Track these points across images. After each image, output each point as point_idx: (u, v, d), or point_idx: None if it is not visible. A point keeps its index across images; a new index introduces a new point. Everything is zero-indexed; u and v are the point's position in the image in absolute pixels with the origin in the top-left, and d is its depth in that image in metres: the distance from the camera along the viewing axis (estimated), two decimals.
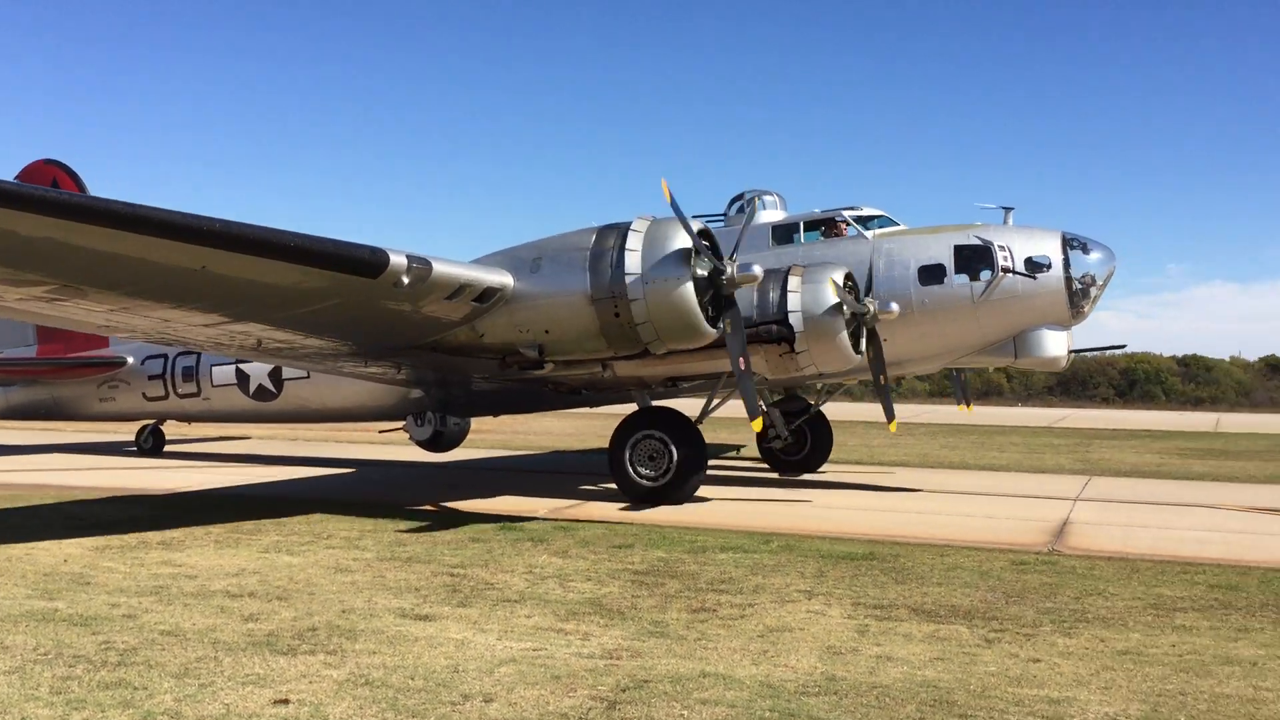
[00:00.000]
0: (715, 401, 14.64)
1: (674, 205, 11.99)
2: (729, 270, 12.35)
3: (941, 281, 14.47)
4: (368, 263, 10.77)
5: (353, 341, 13.14)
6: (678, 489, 13.61)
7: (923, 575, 9.21)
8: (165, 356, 19.35)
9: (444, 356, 13.47)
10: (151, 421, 21.50)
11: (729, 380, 13.83)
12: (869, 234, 15.06)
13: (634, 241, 12.02)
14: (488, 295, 12.12)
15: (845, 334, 13.31)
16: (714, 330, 12.23)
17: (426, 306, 11.90)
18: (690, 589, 8.55)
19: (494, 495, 14.64)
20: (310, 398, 18.07)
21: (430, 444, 17.94)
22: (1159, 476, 18.89)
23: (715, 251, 12.44)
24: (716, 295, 12.38)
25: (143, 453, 21.62)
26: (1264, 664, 6.48)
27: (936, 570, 9.44)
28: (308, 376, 17.68)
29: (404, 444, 20.21)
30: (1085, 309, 14.49)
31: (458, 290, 11.78)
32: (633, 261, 11.94)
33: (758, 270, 12.43)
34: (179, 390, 19.32)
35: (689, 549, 10.43)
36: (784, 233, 15.71)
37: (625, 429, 13.94)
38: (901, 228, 15.24)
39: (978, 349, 14.81)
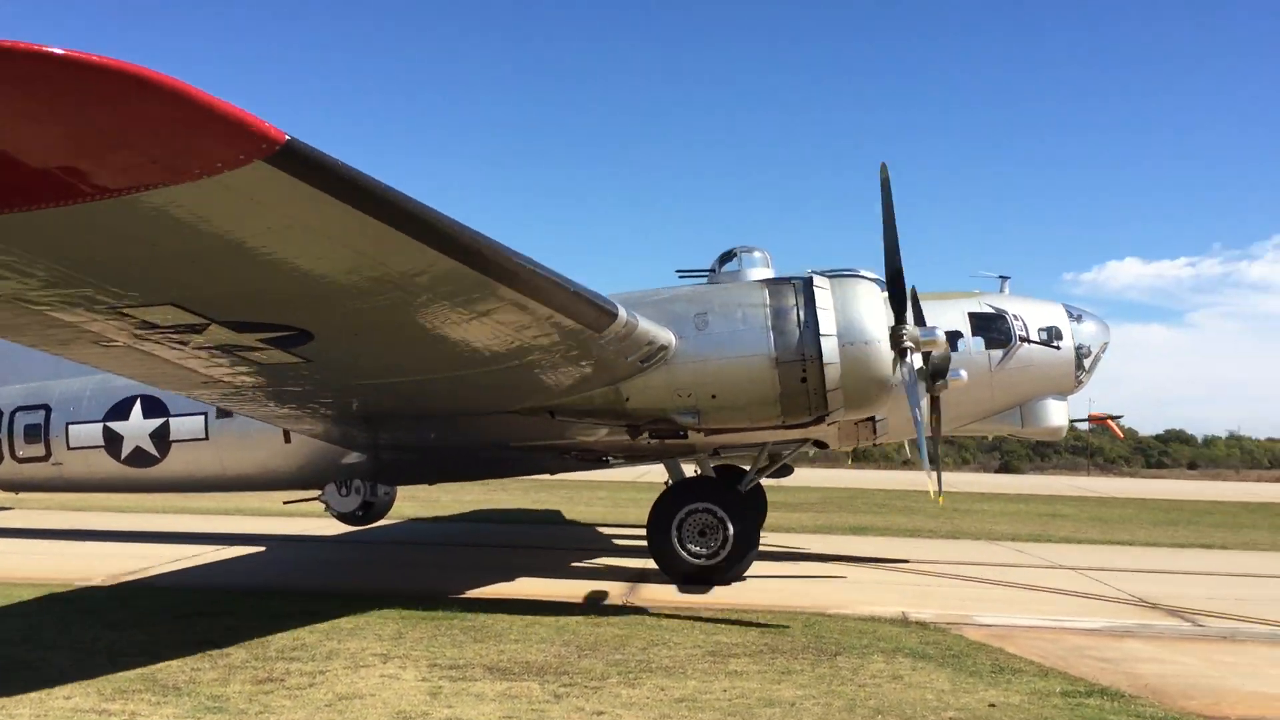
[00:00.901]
0: (755, 470, 13.98)
1: (888, 211, 11.04)
2: (908, 329, 11.49)
3: (957, 349, 13.82)
4: (603, 313, 9.30)
5: (464, 404, 11.48)
6: (733, 567, 12.54)
7: (501, 632, 9.28)
8: (0, 413, 15.88)
9: (545, 422, 11.79)
10: None
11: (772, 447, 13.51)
12: None
13: (824, 299, 11.06)
14: (653, 354, 10.80)
15: (927, 401, 12.49)
16: None
17: (591, 365, 10.36)
18: (258, 658, 8.10)
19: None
20: (206, 462, 14.99)
21: (354, 517, 15.73)
22: None
23: (898, 308, 11.51)
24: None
25: None
26: (801, 704, 7.06)
27: (515, 627, 9.55)
28: (205, 438, 14.84)
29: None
30: (1084, 380, 14.35)
31: (640, 348, 10.43)
32: (827, 321, 10.92)
33: (941, 335, 11.82)
34: (19, 453, 15.69)
35: (261, 614, 9.91)
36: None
37: (671, 502, 12.74)
38: None
39: (984, 417, 14.39)
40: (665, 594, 11.76)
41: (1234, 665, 8.74)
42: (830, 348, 10.91)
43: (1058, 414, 14.37)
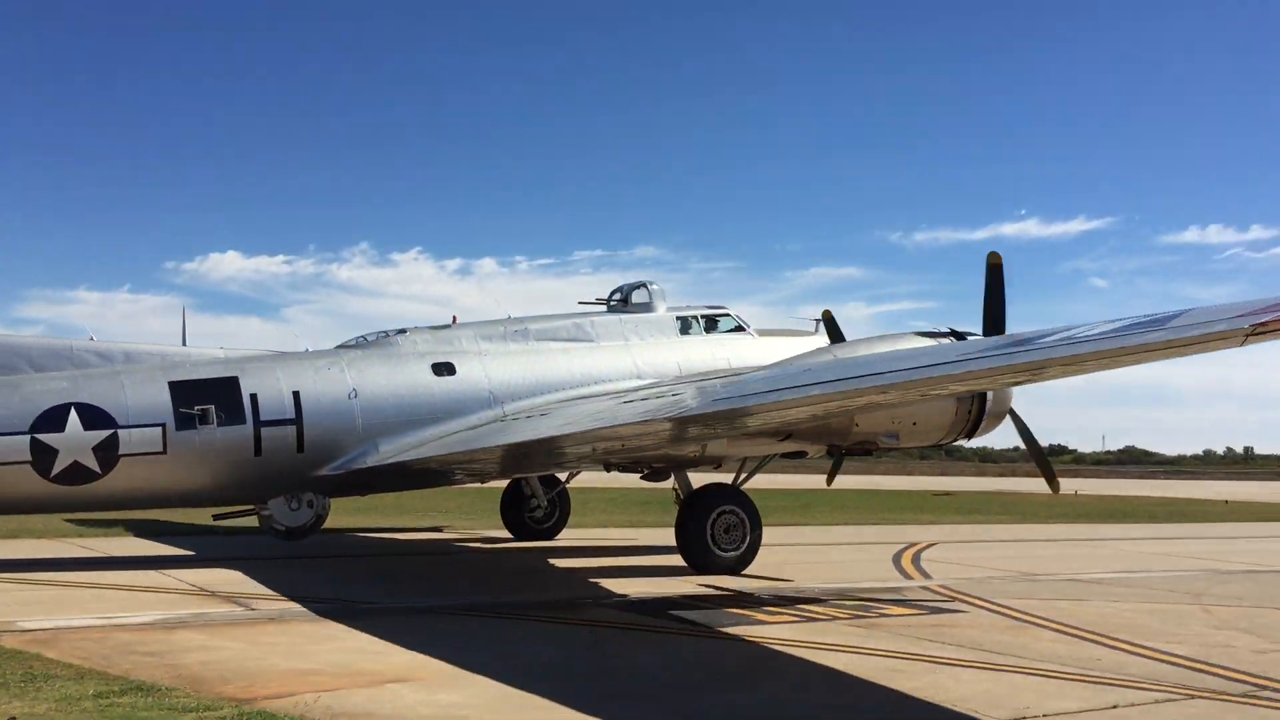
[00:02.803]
0: (743, 475, 16.02)
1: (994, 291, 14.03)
2: None
3: None
4: None
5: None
6: (748, 562, 14.60)
7: None
8: None
9: (765, 440, 14.05)
10: None
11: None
12: (751, 331, 17.24)
13: None
14: None
15: None
16: None
17: None
18: None
19: None
20: (160, 477, 13.80)
21: (300, 532, 14.68)
22: None
23: None
24: None
25: None
26: None
27: None
28: (163, 451, 13.69)
29: None
30: None
31: None
32: None
33: None
34: None
35: None
36: (684, 324, 17.05)
37: (702, 505, 14.61)
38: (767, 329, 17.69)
39: None
40: None
41: (276, 645, 9.14)
42: None
43: None
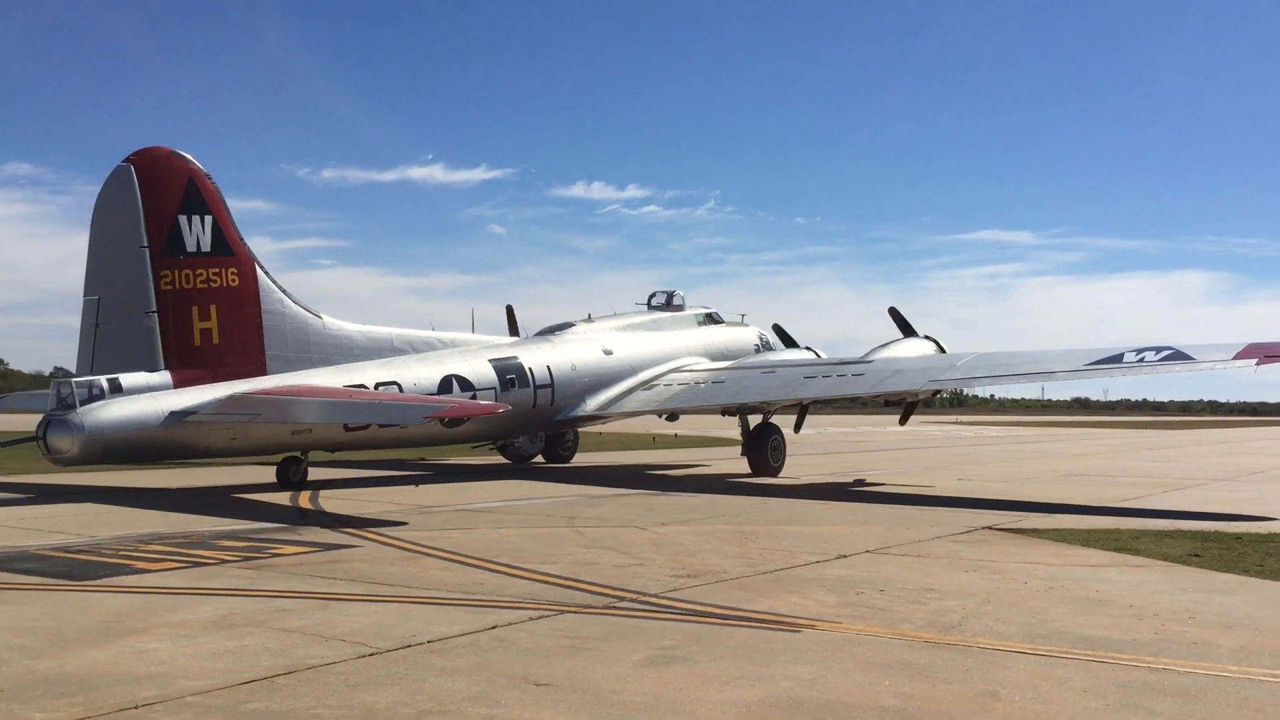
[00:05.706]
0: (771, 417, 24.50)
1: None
2: None
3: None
4: None
5: None
6: (781, 469, 23.38)
7: None
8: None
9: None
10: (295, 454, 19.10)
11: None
12: (726, 322, 27.50)
13: None
14: None
15: None
16: None
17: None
18: None
19: None
20: (492, 424, 21.70)
21: (530, 457, 26.51)
22: None
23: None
24: None
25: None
26: None
27: None
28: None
29: None
30: None
31: None
32: None
33: None
34: None
35: None
36: (699, 319, 26.87)
37: (762, 434, 23.41)
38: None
39: None
40: None
41: None
42: None
43: None
